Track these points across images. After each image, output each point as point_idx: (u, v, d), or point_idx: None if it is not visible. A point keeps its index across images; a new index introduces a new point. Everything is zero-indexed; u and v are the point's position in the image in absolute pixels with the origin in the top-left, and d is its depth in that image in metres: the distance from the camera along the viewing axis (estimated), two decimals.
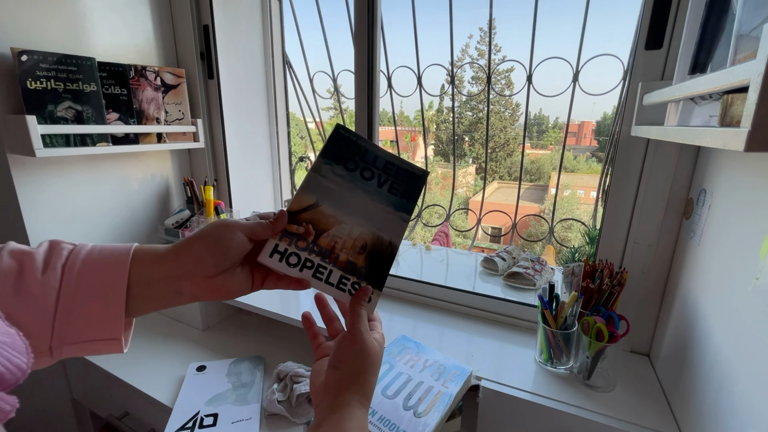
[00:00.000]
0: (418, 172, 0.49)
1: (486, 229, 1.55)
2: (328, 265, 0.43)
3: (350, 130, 0.48)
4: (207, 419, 0.77)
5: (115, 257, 0.36)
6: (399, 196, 0.47)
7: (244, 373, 0.92)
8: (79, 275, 0.35)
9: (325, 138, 0.51)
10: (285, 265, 0.41)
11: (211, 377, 0.90)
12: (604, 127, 6.12)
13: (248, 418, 0.78)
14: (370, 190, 0.47)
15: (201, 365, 0.94)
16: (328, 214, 0.44)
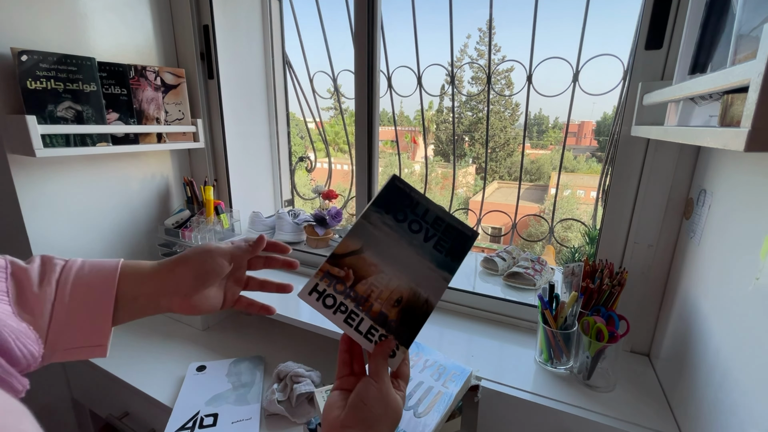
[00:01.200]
0: (468, 232, 0.49)
1: (486, 229, 1.55)
2: (360, 312, 0.43)
3: (405, 182, 0.49)
4: (207, 419, 0.76)
5: (105, 274, 0.40)
6: (444, 254, 0.47)
7: (244, 373, 0.92)
8: (72, 290, 0.38)
9: (326, 138, 0.52)
10: (321, 305, 0.43)
11: (211, 377, 0.90)
12: (604, 127, 6.11)
13: (248, 418, 0.78)
14: (416, 243, 0.47)
15: (201, 365, 0.93)
16: (370, 262, 0.45)
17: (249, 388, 0.87)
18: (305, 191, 1.63)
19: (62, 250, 1.02)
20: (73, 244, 1.04)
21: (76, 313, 0.38)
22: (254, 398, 0.84)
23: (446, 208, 1.39)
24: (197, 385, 0.88)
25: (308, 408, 0.84)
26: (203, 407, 0.80)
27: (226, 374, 0.91)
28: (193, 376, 0.90)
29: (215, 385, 0.88)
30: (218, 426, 0.75)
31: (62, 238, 1.02)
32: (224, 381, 0.89)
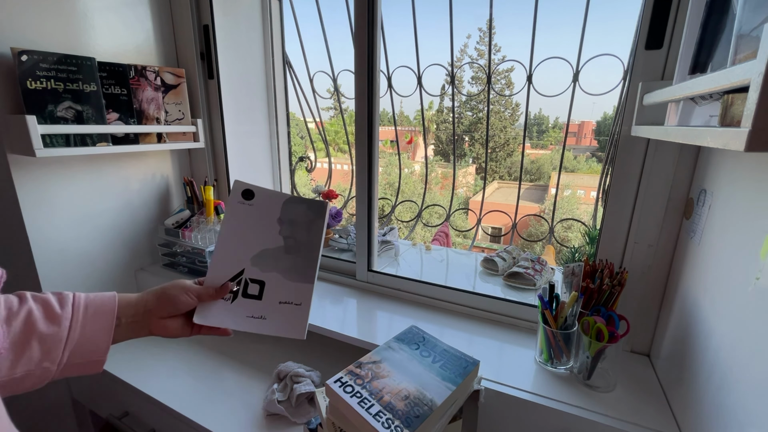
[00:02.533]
0: (470, 360, 0.67)
1: (486, 229, 1.55)
2: (372, 399, 0.56)
3: (420, 328, 0.74)
4: (252, 286, 0.60)
5: (107, 299, 0.53)
6: (448, 373, 0.63)
7: (299, 226, 0.63)
8: (84, 311, 0.50)
9: (326, 138, 0.63)
10: (342, 390, 0.58)
11: (260, 216, 0.62)
12: (604, 127, 6.11)
13: (297, 303, 0.60)
14: (425, 363, 0.65)
15: (248, 190, 0.61)
16: (385, 369, 0.62)
17: (304, 255, 0.62)
18: (305, 191, 1.63)
19: (62, 250, 1.02)
20: (73, 244, 1.04)
21: (87, 331, 0.49)
22: (308, 273, 0.61)
23: (447, 210, 1.40)
24: (243, 223, 0.61)
25: (308, 408, 0.84)
26: (249, 266, 0.60)
27: (278, 218, 0.62)
28: (239, 206, 0.61)
29: (264, 234, 0.61)
30: (264, 300, 0.59)
31: (62, 238, 1.02)
32: (275, 231, 0.62)
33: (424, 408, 0.55)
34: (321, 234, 0.62)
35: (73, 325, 0.48)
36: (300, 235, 0.61)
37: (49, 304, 0.48)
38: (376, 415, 0.54)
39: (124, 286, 1.19)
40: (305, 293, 0.59)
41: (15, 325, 0.44)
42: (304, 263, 0.60)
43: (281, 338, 1.12)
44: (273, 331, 0.57)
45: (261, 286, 0.59)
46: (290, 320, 0.58)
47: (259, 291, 0.59)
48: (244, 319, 0.57)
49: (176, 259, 1.21)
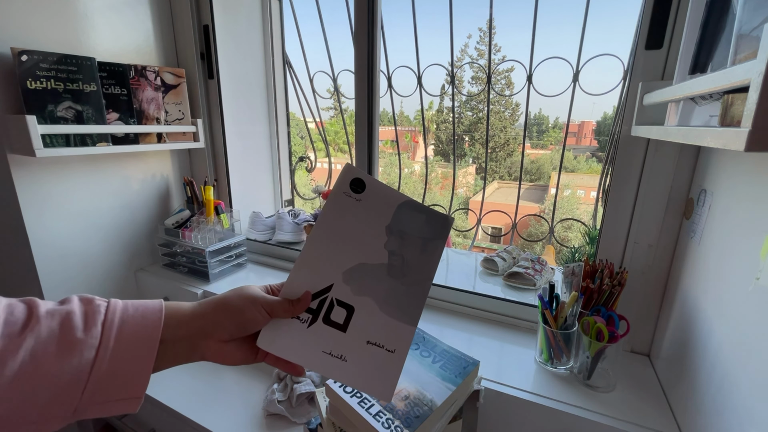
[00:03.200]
0: (470, 360, 0.65)
1: (486, 229, 1.55)
2: (372, 400, 0.56)
3: (420, 328, 0.69)
4: (338, 311, 0.44)
5: (149, 316, 0.37)
6: (448, 373, 0.62)
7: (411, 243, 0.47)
8: (117, 333, 0.35)
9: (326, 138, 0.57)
10: (342, 391, 0.56)
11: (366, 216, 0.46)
12: (604, 127, 6.11)
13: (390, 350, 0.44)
14: (425, 363, 0.64)
15: (359, 180, 0.46)
16: None
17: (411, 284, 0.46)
18: (305, 191, 1.63)
19: (62, 250, 1.02)
20: (73, 244, 1.04)
21: (119, 361, 0.34)
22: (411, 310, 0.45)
23: (446, 210, 1.41)
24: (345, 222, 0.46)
25: (308, 408, 0.84)
26: (339, 281, 0.45)
27: (387, 226, 0.46)
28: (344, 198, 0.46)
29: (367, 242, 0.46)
30: (348, 334, 0.44)
31: (62, 238, 1.02)
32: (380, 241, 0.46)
33: (424, 408, 0.55)
34: (437, 259, 0.47)
35: (101, 355, 0.33)
36: (410, 254, 0.47)
37: (69, 324, 0.33)
38: (376, 415, 0.54)
39: (124, 286, 1.19)
40: (403, 338, 0.44)
41: (11, 365, 0.29)
42: (409, 296, 0.45)
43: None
44: (352, 381, 0.42)
45: (349, 313, 0.44)
46: (376, 371, 0.43)
47: (345, 319, 0.44)
48: (318, 355, 0.42)
49: (176, 259, 1.21)
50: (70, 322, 0.33)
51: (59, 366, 0.31)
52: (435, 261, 0.47)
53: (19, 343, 0.30)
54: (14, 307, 0.32)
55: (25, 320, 0.32)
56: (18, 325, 0.31)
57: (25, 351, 0.30)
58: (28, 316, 0.32)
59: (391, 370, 0.43)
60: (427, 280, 0.46)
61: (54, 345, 0.31)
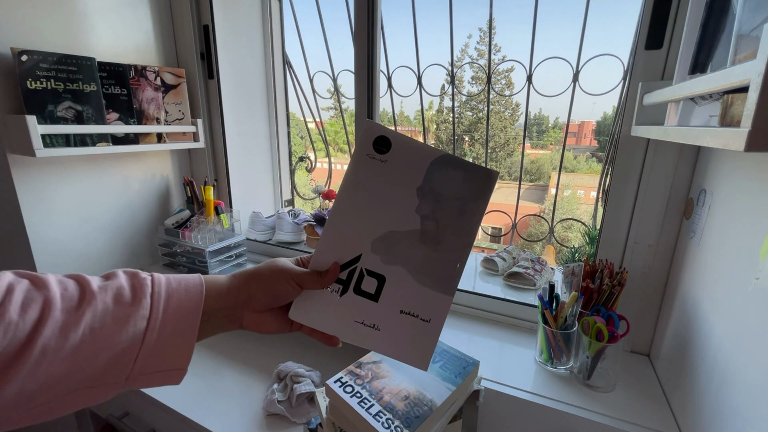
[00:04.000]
0: (470, 360, 0.66)
1: (486, 228, 1.55)
2: (372, 400, 0.56)
3: None
4: (368, 281, 0.42)
5: (192, 288, 0.39)
6: (448, 373, 0.62)
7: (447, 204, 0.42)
8: (165, 304, 0.36)
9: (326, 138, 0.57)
10: (342, 391, 0.57)
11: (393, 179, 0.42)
12: (604, 127, 6.10)
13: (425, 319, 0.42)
14: None
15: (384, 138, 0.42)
16: (386, 369, 0.62)
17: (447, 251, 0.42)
18: (305, 191, 1.63)
19: (62, 250, 1.02)
20: (73, 244, 1.04)
21: (167, 330, 0.36)
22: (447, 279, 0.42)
23: None
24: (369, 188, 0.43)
25: (308, 408, 0.84)
26: (368, 251, 0.42)
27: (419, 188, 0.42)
28: (367, 161, 0.43)
29: (396, 208, 0.43)
30: (381, 303, 0.42)
31: (62, 238, 1.02)
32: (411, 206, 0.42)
33: (423, 408, 0.55)
34: (477, 223, 0.42)
35: (151, 325, 0.35)
36: (446, 218, 0.41)
37: (121, 297, 0.35)
38: (376, 415, 0.54)
39: None
40: (439, 308, 0.41)
41: (72, 337, 0.31)
42: (444, 264, 0.41)
43: (283, 337, 1.13)
44: (386, 349, 0.42)
45: (380, 283, 0.42)
46: (411, 340, 0.41)
47: (377, 289, 0.42)
48: (350, 325, 0.42)
49: (176, 259, 1.21)
50: (121, 295, 0.35)
51: (115, 337, 0.33)
52: (474, 225, 0.42)
53: (80, 317, 0.32)
54: (66, 283, 0.34)
55: (80, 295, 0.33)
56: (75, 300, 0.33)
57: (85, 324, 0.32)
58: (81, 291, 0.34)
59: (427, 340, 0.41)
60: (465, 247, 0.42)
61: (110, 317, 0.33)
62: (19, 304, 0.30)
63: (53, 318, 0.31)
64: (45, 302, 0.31)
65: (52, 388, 0.30)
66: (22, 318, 0.30)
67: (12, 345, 0.29)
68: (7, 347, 0.29)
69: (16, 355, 0.29)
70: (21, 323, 0.30)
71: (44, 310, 0.31)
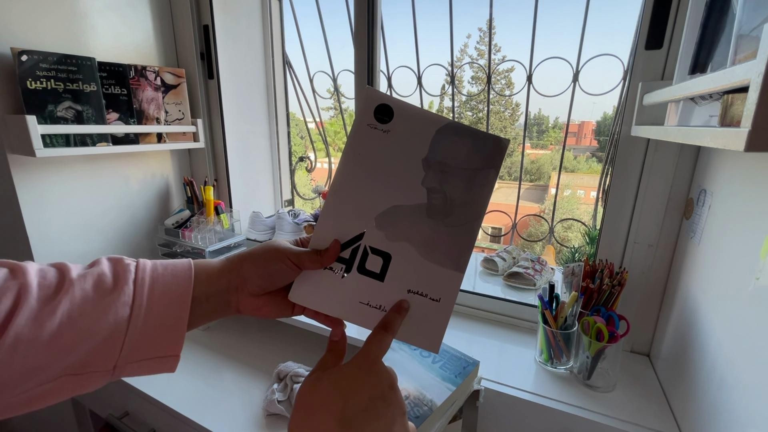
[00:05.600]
0: (470, 360, 0.66)
1: (486, 229, 1.55)
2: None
3: None
4: (373, 259, 0.40)
5: (179, 273, 0.37)
6: (448, 373, 0.63)
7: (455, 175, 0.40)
8: (149, 290, 0.35)
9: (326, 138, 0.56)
10: None
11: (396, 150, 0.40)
12: (604, 127, 6.10)
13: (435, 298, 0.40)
14: (425, 363, 0.64)
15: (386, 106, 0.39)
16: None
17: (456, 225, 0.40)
18: (305, 191, 1.63)
19: (62, 250, 1.02)
20: (73, 244, 1.04)
21: (153, 317, 0.34)
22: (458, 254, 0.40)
23: None
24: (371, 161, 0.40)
25: None
26: (371, 227, 0.40)
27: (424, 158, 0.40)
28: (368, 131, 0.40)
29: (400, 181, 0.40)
30: (387, 283, 0.40)
31: (62, 238, 1.02)
32: (417, 178, 0.40)
33: (423, 408, 0.55)
34: (488, 194, 0.40)
35: (135, 312, 0.33)
36: (454, 189, 0.39)
37: (101, 284, 0.33)
38: None
39: None
40: (449, 285, 0.39)
41: (48, 326, 0.30)
42: (454, 238, 0.39)
43: (283, 337, 1.13)
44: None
45: (385, 261, 0.39)
46: (421, 321, 0.39)
47: (382, 268, 0.39)
48: (355, 307, 0.39)
49: (176, 259, 1.21)
50: (102, 282, 0.33)
51: (95, 324, 0.32)
52: (485, 196, 0.40)
53: (56, 306, 0.31)
54: (46, 271, 0.33)
55: (58, 283, 0.32)
56: (52, 289, 0.32)
57: (62, 312, 0.31)
58: (60, 279, 0.33)
59: (438, 320, 0.39)
60: (475, 220, 0.39)
61: (89, 305, 0.32)
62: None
63: (28, 306, 0.30)
64: (20, 290, 0.30)
65: (31, 377, 0.30)
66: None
67: None
68: None
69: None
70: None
71: (18, 298, 0.30)
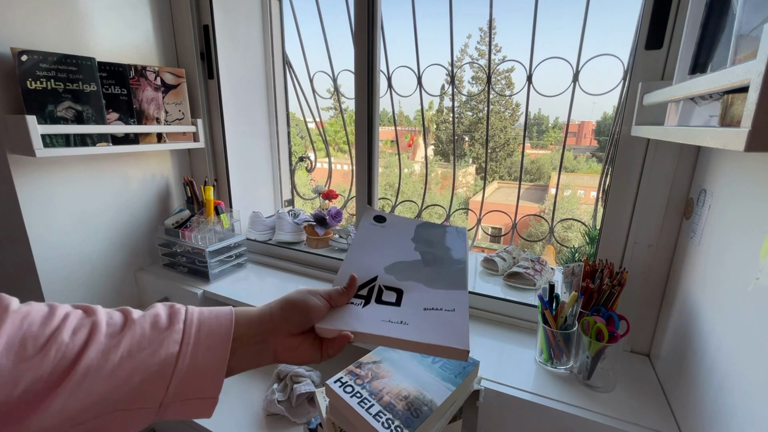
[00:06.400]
0: (470, 361, 0.66)
1: (486, 229, 1.55)
2: (372, 399, 0.56)
3: None
4: (388, 293, 0.50)
5: (222, 316, 0.41)
6: (448, 373, 0.62)
7: (437, 245, 0.60)
8: (197, 330, 0.38)
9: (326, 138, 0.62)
10: (342, 390, 0.57)
11: (392, 234, 0.60)
12: (604, 127, 6.10)
13: (449, 309, 0.48)
14: (425, 363, 0.64)
15: (380, 216, 0.63)
16: (385, 369, 0.62)
17: (449, 265, 0.56)
18: (305, 191, 1.63)
19: (62, 250, 1.02)
20: (73, 244, 1.04)
21: (198, 355, 0.37)
22: (458, 280, 0.53)
23: (446, 210, 1.40)
24: (376, 239, 0.59)
25: (308, 408, 0.84)
26: (382, 273, 0.53)
27: (412, 238, 0.61)
28: (370, 226, 0.61)
29: (399, 249, 0.57)
30: (403, 306, 0.48)
31: (62, 238, 1.02)
32: (410, 247, 0.58)
33: (423, 408, 0.55)
34: (464, 249, 0.56)
35: (183, 350, 0.36)
36: (439, 249, 0.55)
37: (157, 323, 0.37)
38: (376, 416, 0.54)
39: (123, 286, 1.19)
40: (458, 300, 0.47)
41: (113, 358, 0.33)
42: (451, 272, 0.51)
43: None
44: (421, 336, 0.43)
45: (399, 294, 0.48)
46: (443, 326, 0.44)
47: (397, 298, 0.47)
48: (378, 323, 0.44)
49: (176, 259, 1.21)
50: (158, 321, 0.37)
51: (149, 357, 0.35)
52: (464, 251, 0.54)
53: (120, 340, 0.35)
54: (112, 313, 0.37)
55: (123, 323, 0.36)
56: (117, 327, 0.36)
57: (124, 346, 0.35)
58: (124, 319, 0.37)
59: (458, 322, 0.44)
60: (462, 262, 0.52)
61: (146, 341, 0.36)
62: (72, 329, 0.34)
63: (98, 341, 0.34)
64: (92, 327, 0.34)
65: (90, 409, 0.32)
66: (72, 340, 0.33)
67: (61, 364, 0.31)
68: (57, 366, 0.31)
69: (64, 373, 0.31)
70: (71, 344, 0.32)
71: (91, 333, 0.34)
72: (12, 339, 0.31)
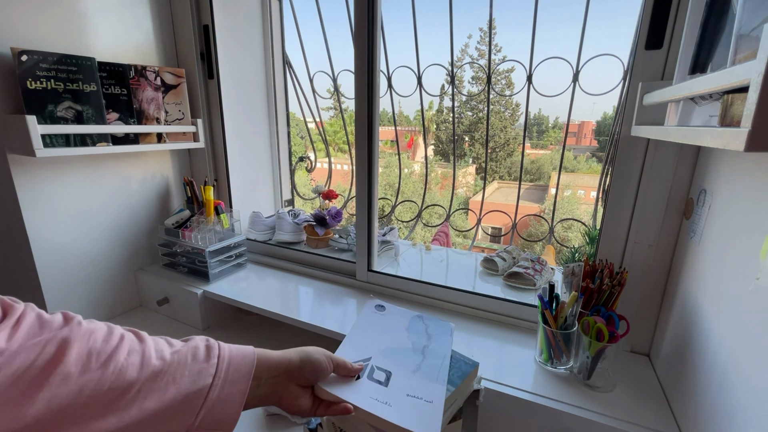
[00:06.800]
0: (469, 362, 0.67)
1: (486, 229, 1.55)
2: None
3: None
4: (378, 372, 0.59)
5: (247, 355, 0.45)
6: (448, 374, 0.63)
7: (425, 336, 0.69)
8: (227, 365, 0.42)
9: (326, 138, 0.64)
10: None
11: (390, 321, 0.71)
12: (604, 127, 6.11)
13: (428, 401, 0.55)
14: None
15: (381, 305, 0.75)
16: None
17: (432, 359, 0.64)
18: (305, 191, 1.63)
19: (62, 250, 1.02)
20: (73, 244, 1.04)
21: (226, 388, 0.41)
22: (439, 375, 0.61)
23: (446, 209, 1.41)
24: (375, 323, 0.70)
25: None
26: (376, 354, 0.62)
27: (407, 327, 0.71)
28: (372, 313, 0.73)
29: (393, 335, 0.68)
30: (390, 388, 0.56)
31: (62, 238, 1.02)
32: (403, 335, 0.68)
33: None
34: (449, 345, 0.66)
35: (215, 383, 0.40)
36: (428, 344, 0.65)
37: (196, 355, 0.41)
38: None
39: (124, 286, 1.19)
40: (436, 393, 0.55)
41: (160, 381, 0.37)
42: (433, 366, 0.60)
43: (282, 337, 1.13)
44: (400, 420, 0.49)
45: (387, 375, 0.57)
46: (420, 415, 0.51)
47: (386, 379, 0.56)
48: (367, 399, 0.52)
49: (176, 259, 1.22)
50: (197, 354, 0.41)
51: (188, 387, 0.39)
52: (448, 346, 0.65)
53: (166, 368, 0.38)
54: (157, 340, 0.42)
55: (168, 349, 0.41)
56: (165, 352, 0.40)
57: (171, 371, 0.39)
58: (169, 346, 0.41)
59: (432, 415, 0.52)
60: (445, 358, 0.63)
61: (187, 370, 0.39)
62: (127, 350, 0.37)
63: (149, 366, 0.37)
64: (143, 353, 0.38)
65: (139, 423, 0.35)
66: (127, 360, 0.37)
67: (118, 382, 0.35)
68: (114, 383, 0.35)
69: (123, 392, 0.35)
70: (125, 364, 0.36)
71: (143, 359, 0.38)
72: (81, 351, 0.35)
